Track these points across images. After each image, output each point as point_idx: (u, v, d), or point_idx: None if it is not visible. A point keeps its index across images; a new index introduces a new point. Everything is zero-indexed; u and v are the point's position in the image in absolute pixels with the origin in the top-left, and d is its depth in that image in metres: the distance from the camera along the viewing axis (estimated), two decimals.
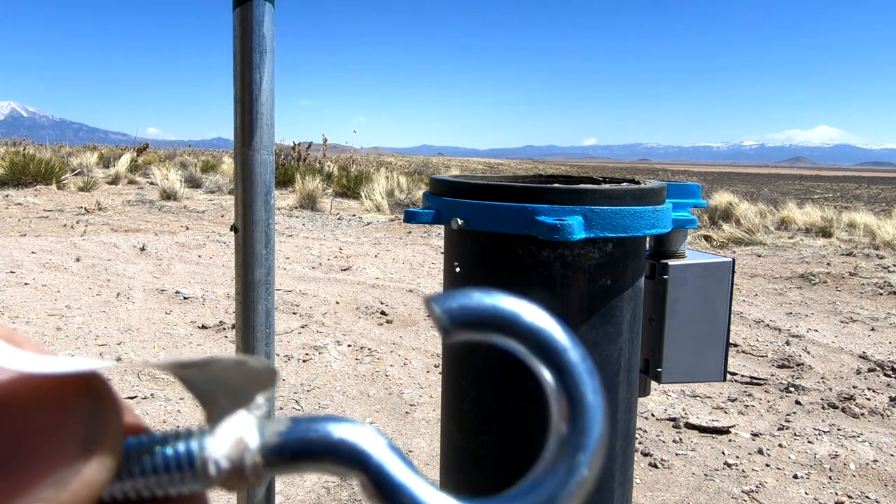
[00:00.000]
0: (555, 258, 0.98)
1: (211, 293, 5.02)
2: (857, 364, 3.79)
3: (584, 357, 0.25)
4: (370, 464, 0.23)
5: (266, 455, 0.23)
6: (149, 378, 3.34)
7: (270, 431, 0.23)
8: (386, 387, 3.37)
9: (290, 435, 0.23)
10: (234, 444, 0.23)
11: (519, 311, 0.24)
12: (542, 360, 0.24)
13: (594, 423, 0.24)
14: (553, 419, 0.24)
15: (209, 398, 0.25)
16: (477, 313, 0.24)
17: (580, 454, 0.23)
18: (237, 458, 0.23)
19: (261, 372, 0.25)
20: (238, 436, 0.23)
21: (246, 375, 0.24)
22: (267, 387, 0.25)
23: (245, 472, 0.23)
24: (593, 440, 0.24)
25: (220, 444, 0.23)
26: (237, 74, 1.17)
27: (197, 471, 0.23)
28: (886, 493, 2.45)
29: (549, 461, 0.24)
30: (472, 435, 1.06)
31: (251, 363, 0.24)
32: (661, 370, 1.19)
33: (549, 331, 0.24)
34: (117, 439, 0.22)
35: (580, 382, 0.24)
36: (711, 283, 1.20)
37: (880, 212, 11.66)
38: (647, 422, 3.02)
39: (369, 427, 0.23)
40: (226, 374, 0.24)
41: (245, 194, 1.18)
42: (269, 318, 1.23)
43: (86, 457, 0.21)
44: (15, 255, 6.20)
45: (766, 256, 7.19)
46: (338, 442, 0.23)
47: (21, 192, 11.02)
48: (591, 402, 0.24)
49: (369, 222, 9.34)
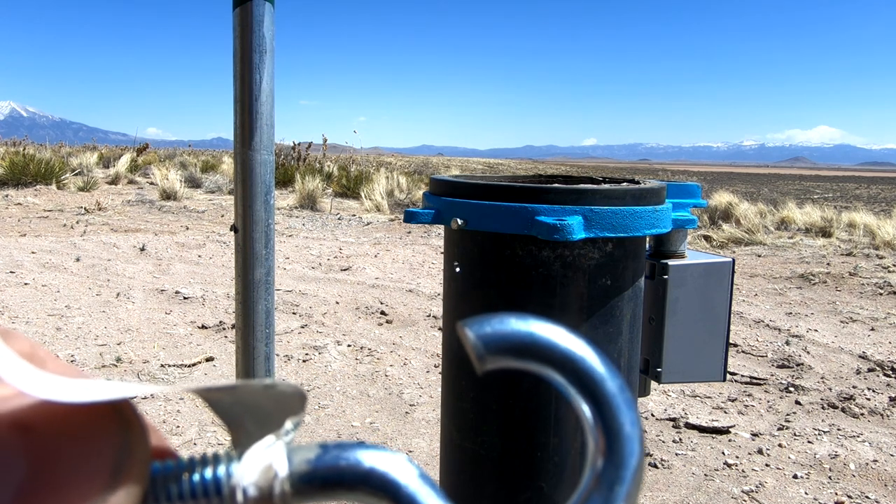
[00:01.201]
0: (555, 258, 0.98)
1: (211, 293, 5.02)
2: (856, 364, 3.79)
3: (622, 388, 0.24)
4: (401, 494, 0.22)
5: (295, 483, 0.22)
6: (149, 379, 3.34)
7: (300, 459, 0.23)
8: (386, 387, 3.37)
9: (319, 463, 0.23)
10: (262, 472, 0.22)
11: (555, 338, 0.24)
12: (580, 391, 0.24)
13: (632, 455, 0.23)
14: (590, 451, 0.24)
15: (236, 422, 0.24)
16: (512, 340, 0.24)
17: (617, 487, 0.23)
18: (266, 486, 0.22)
19: (290, 396, 0.24)
20: (267, 463, 0.23)
21: (274, 399, 0.24)
22: (297, 412, 0.24)
23: (274, 500, 0.22)
24: (630, 473, 0.23)
25: (248, 471, 0.22)
26: (237, 74, 1.17)
27: (224, 498, 0.22)
28: (886, 493, 2.45)
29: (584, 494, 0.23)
30: (472, 435, 1.06)
31: (280, 387, 0.24)
32: (660, 370, 1.19)
33: (587, 360, 0.24)
34: (145, 466, 0.22)
35: (619, 414, 0.24)
36: (711, 283, 1.20)
37: (880, 212, 11.66)
38: (647, 422, 3.02)
39: (401, 455, 0.23)
40: (253, 398, 0.24)
41: (245, 194, 1.18)
42: (269, 318, 1.23)
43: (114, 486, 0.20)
44: (15, 255, 6.20)
45: (766, 256, 7.19)
46: (368, 471, 0.23)
47: (21, 192, 11.02)
48: (629, 434, 0.23)
49: (369, 222, 9.34)
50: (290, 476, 0.22)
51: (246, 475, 0.22)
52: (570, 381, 0.24)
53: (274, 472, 0.22)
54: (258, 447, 0.23)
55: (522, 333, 0.24)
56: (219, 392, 0.24)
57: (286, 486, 0.22)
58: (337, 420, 2.99)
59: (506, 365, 0.24)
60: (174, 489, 0.22)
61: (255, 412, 0.24)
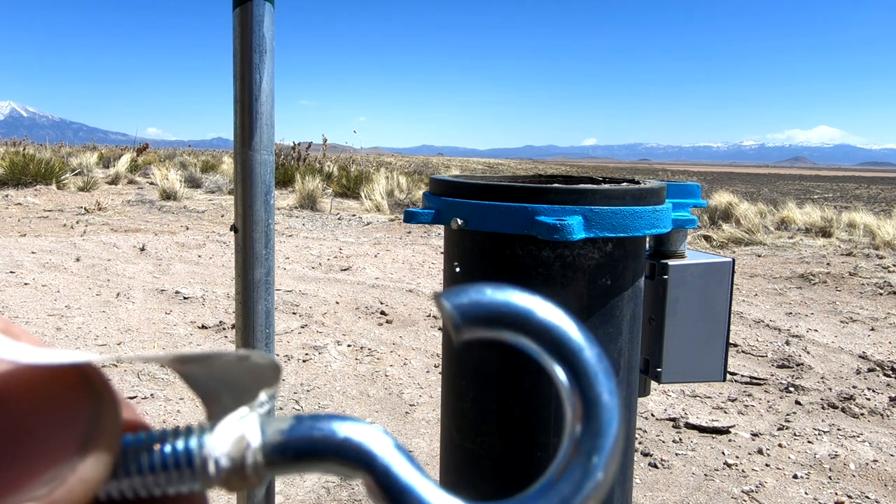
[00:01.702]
0: (555, 258, 0.98)
1: (211, 293, 5.02)
2: (856, 364, 3.79)
3: (600, 357, 0.24)
4: (376, 464, 0.22)
5: (268, 454, 0.22)
6: (149, 378, 3.34)
7: (273, 430, 0.22)
8: (386, 387, 3.37)
9: (293, 433, 0.22)
10: (235, 443, 0.22)
11: (533, 307, 0.23)
12: (556, 359, 0.23)
13: (610, 424, 0.23)
14: (567, 420, 0.23)
15: (211, 395, 0.24)
16: (489, 310, 0.23)
17: (595, 457, 0.22)
18: (238, 457, 0.22)
19: (265, 367, 0.24)
20: (239, 433, 0.22)
21: (249, 371, 0.24)
22: (271, 383, 0.24)
23: (246, 471, 0.22)
24: (609, 442, 0.23)
25: (220, 443, 0.22)
26: (237, 74, 1.17)
27: (196, 470, 0.22)
28: (886, 493, 2.45)
29: (562, 463, 0.23)
30: (472, 435, 1.06)
31: (254, 358, 0.24)
32: (660, 370, 1.19)
33: (564, 328, 0.23)
34: (115, 436, 0.21)
35: (596, 382, 0.23)
36: (711, 283, 1.20)
37: (880, 212, 11.66)
38: (647, 422, 3.02)
39: (375, 426, 0.23)
40: (228, 370, 0.24)
41: (245, 194, 1.18)
42: (269, 318, 1.23)
43: (83, 454, 0.20)
44: (15, 255, 6.20)
45: (766, 256, 7.19)
46: (342, 441, 0.22)
47: (21, 192, 11.02)
48: (608, 402, 0.23)
49: (369, 222, 9.34)
50: (263, 447, 0.22)
51: (218, 446, 0.22)
52: (547, 350, 0.23)
53: (247, 442, 0.22)
54: (231, 418, 0.23)
55: (499, 303, 0.23)
56: (193, 364, 0.23)
57: (259, 457, 0.22)
58: None
59: (483, 335, 0.23)
60: (145, 460, 0.22)
61: (230, 384, 0.24)
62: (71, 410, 0.21)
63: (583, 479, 0.22)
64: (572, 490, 0.22)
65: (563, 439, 0.24)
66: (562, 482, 0.22)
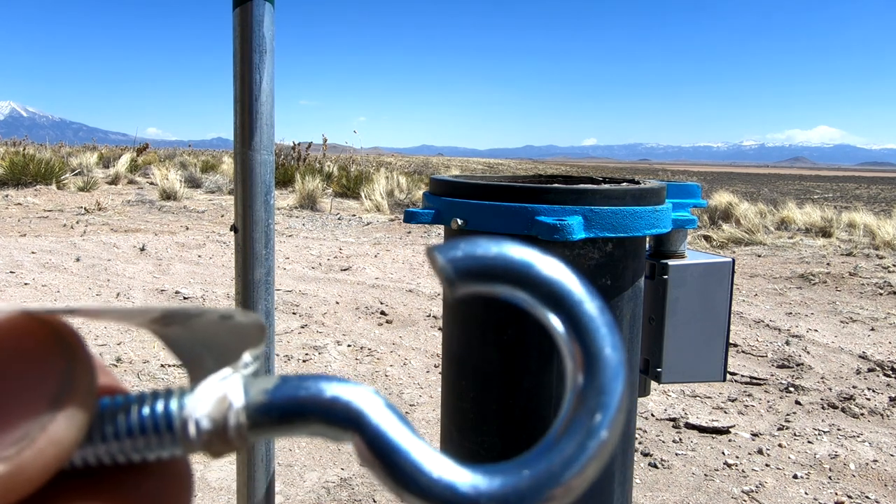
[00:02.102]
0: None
1: (211, 293, 5.02)
2: (856, 364, 3.79)
3: (602, 310, 0.22)
4: (366, 424, 0.20)
5: (252, 415, 0.21)
6: (149, 377, 3.34)
7: (257, 389, 0.21)
8: (386, 387, 3.37)
9: (278, 393, 0.21)
10: (216, 403, 0.21)
11: (531, 260, 0.22)
12: (555, 311, 0.22)
13: (615, 380, 0.21)
14: (568, 373, 0.22)
15: (193, 358, 0.23)
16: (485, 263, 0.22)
17: (599, 414, 0.21)
18: (220, 418, 0.21)
19: (249, 327, 0.23)
20: (221, 394, 0.21)
21: (232, 331, 0.23)
22: (256, 343, 0.23)
23: (228, 433, 0.21)
24: (615, 399, 0.21)
25: (201, 403, 0.21)
26: (237, 74, 1.17)
27: (176, 433, 0.21)
28: (886, 493, 2.45)
29: (565, 420, 0.22)
30: (472, 435, 1.06)
31: (238, 317, 0.23)
32: (660, 370, 1.19)
33: (564, 281, 0.22)
34: (90, 396, 0.20)
35: (598, 335, 0.22)
36: (711, 283, 1.20)
37: (880, 212, 11.66)
38: (647, 422, 3.02)
39: (365, 386, 0.21)
40: (211, 331, 0.23)
41: (245, 194, 1.18)
42: (269, 318, 1.23)
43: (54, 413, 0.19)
44: (15, 256, 6.20)
45: (766, 256, 7.19)
46: (331, 401, 0.21)
47: (21, 192, 11.02)
48: (610, 356, 0.22)
49: (369, 222, 9.34)
50: (246, 407, 0.21)
51: (199, 407, 0.21)
52: (545, 303, 0.22)
53: (229, 402, 0.21)
54: (213, 379, 0.21)
55: (495, 255, 0.22)
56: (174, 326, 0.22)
57: (242, 418, 0.21)
58: None
59: (478, 290, 0.22)
60: (122, 423, 0.21)
61: (213, 346, 0.23)
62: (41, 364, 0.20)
63: (586, 438, 0.21)
64: (576, 449, 0.21)
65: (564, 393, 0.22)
66: (564, 441, 0.21)
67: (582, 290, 0.22)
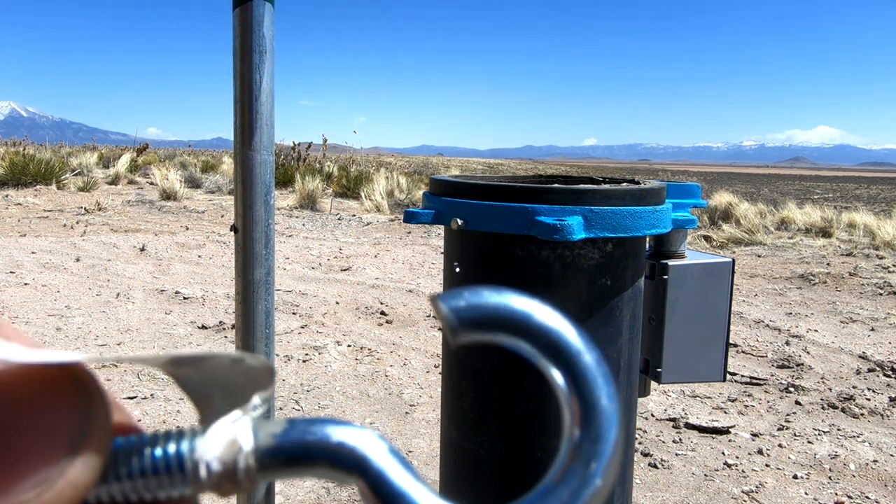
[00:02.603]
0: (555, 258, 0.98)
1: (211, 293, 5.02)
2: (856, 364, 3.79)
3: (599, 361, 0.23)
4: (370, 469, 0.21)
5: (260, 458, 0.22)
6: (149, 378, 3.34)
7: (265, 433, 0.22)
8: (386, 387, 3.37)
9: (286, 437, 0.22)
10: (226, 446, 0.22)
11: (531, 310, 0.23)
12: (555, 363, 0.23)
13: (609, 430, 0.22)
14: (566, 424, 0.23)
15: (204, 398, 0.24)
16: (486, 313, 0.23)
17: (594, 463, 0.22)
18: (230, 461, 0.21)
19: (258, 370, 0.24)
20: (231, 437, 0.22)
21: (243, 374, 0.23)
22: (265, 386, 0.23)
23: (237, 475, 0.22)
24: (608, 448, 0.22)
25: (211, 446, 0.22)
26: (237, 74, 1.17)
27: (187, 474, 0.22)
28: (886, 493, 2.45)
29: (561, 468, 0.22)
30: (472, 435, 1.06)
31: (248, 361, 0.23)
32: (660, 370, 1.19)
33: (562, 332, 0.23)
34: (105, 439, 0.21)
35: (595, 387, 0.23)
36: (711, 283, 1.20)
37: (880, 212, 11.66)
38: (647, 422, 3.02)
39: (370, 430, 0.22)
40: (222, 373, 0.23)
41: (245, 194, 1.18)
42: (269, 318, 1.23)
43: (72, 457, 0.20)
44: (15, 256, 6.20)
45: (766, 256, 7.19)
46: (336, 446, 0.22)
47: (21, 192, 11.01)
48: (606, 407, 0.22)
49: (369, 222, 9.34)
50: (255, 450, 0.22)
51: (209, 449, 0.22)
52: (545, 354, 0.23)
53: (238, 446, 0.22)
54: (223, 422, 0.22)
55: (497, 306, 0.23)
56: (186, 366, 0.23)
57: (251, 461, 0.22)
58: None
59: (480, 339, 0.23)
60: (136, 464, 0.22)
61: (223, 387, 0.23)
62: (60, 412, 0.21)
63: (581, 486, 0.22)
64: (570, 497, 0.22)
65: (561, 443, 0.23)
66: (560, 488, 0.22)
67: (580, 342, 0.23)
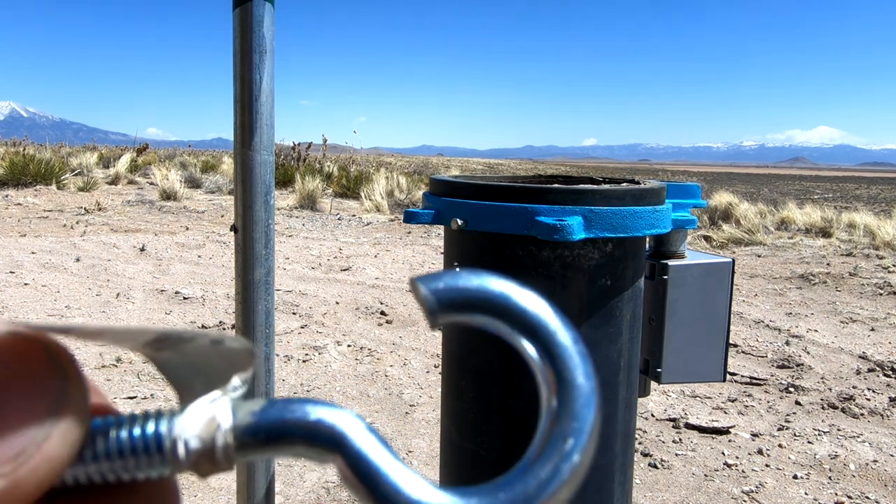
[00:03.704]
0: (555, 258, 0.98)
1: (211, 293, 5.02)
2: (856, 364, 3.79)
3: (576, 340, 0.23)
4: (348, 447, 0.21)
5: (239, 436, 0.22)
6: (149, 378, 3.34)
7: (244, 412, 0.22)
8: (386, 387, 3.37)
9: (264, 415, 0.22)
10: (205, 424, 0.22)
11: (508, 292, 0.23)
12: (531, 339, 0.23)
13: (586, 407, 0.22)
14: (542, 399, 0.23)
15: (184, 383, 0.24)
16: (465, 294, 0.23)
17: (572, 439, 0.22)
18: (208, 439, 0.22)
19: (239, 352, 0.24)
20: (210, 415, 0.22)
21: (223, 356, 0.23)
22: (245, 367, 0.24)
23: (216, 453, 0.22)
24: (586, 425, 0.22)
25: (190, 424, 0.22)
26: (237, 74, 1.17)
27: (165, 453, 0.22)
28: (886, 494, 2.45)
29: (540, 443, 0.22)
30: (472, 435, 1.06)
31: (228, 343, 0.23)
32: (660, 370, 1.19)
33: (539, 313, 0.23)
34: (82, 415, 0.21)
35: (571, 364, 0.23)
36: (711, 283, 1.20)
37: (880, 212, 11.66)
38: (647, 422, 3.02)
39: (348, 410, 0.22)
40: (202, 356, 0.23)
41: (245, 194, 1.18)
42: (268, 318, 1.23)
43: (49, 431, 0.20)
44: (15, 256, 6.20)
45: (766, 257, 7.19)
46: (314, 423, 0.22)
47: (21, 193, 11.01)
48: (583, 384, 0.23)
49: (369, 222, 9.34)
50: (233, 428, 0.22)
51: (188, 427, 0.22)
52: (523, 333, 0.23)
53: (217, 423, 0.22)
54: (202, 401, 0.22)
55: (475, 287, 0.23)
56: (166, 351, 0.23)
57: (229, 439, 0.22)
58: None
59: (458, 320, 0.23)
60: (114, 443, 0.22)
61: (203, 370, 0.23)
62: (35, 385, 0.20)
63: (560, 462, 0.22)
64: (550, 473, 0.22)
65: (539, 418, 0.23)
66: (539, 465, 0.22)
67: (557, 321, 0.23)
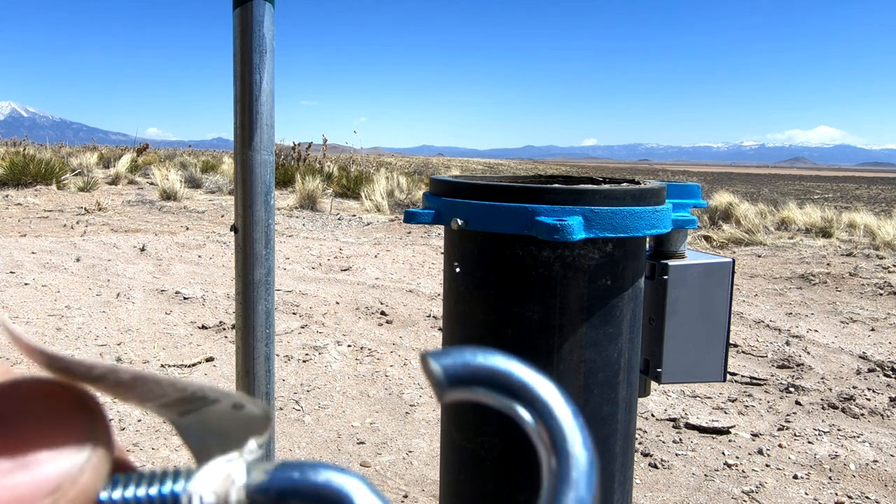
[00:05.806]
0: (555, 258, 0.98)
1: (211, 293, 5.02)
2: (857, 364, 3.79)
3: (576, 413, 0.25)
4: None
5: (251, 493, 0.23)
6: None
7: (257, 471, 0.24)
8: (386, 387, 3.36)
9: (276, 475, 0.23)
10: (220, 481, 0.23)
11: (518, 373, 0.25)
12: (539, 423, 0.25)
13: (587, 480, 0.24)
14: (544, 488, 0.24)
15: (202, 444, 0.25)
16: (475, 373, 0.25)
17: None
18: (222, 494, 0.23)
19: (257, 417, 0.25)
20: (225, 473, 0.23)
21: (241, 420, 0.25)
22: (261, 432, 0.25)
23: None
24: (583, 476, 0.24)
25: (206, 480, 0.23)
26: (237, 74, 1.17)
27: None
28: (886, 494, 2.45)
29: None
30: (472, 435, 1.06)
31: (248, 408, 0.25)
32: (661, 370, 1.19)
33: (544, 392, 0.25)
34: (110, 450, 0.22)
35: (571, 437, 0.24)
36: (711, 283, 1.20)
37: (880, 212, 11.66)
38: (647, 422, 3.02)
39: (356, 475, 0.24)
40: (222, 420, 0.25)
41: (245, 194, 1.18)
42: (269, 318, 1.23)
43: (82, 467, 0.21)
44: (15, 256, 6.20)
45: (766, 257, 7.19)
46: (322, 485, 0.23)
47: (21, 193, 11.01)
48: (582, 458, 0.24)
49: (369, 222, 9.34)
50: (246, 486, 0.23)
51: (203, 484, 0.23)
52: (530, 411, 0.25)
53: (232, 480, 0.23)
54: (219, 461, 0.24)
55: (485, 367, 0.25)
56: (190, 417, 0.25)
57: (242, 496, 0.23)
58: (337, 420, 2.99)
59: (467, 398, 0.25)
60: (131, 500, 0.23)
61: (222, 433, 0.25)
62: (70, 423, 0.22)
63: None
64: None
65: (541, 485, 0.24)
66: None
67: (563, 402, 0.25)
